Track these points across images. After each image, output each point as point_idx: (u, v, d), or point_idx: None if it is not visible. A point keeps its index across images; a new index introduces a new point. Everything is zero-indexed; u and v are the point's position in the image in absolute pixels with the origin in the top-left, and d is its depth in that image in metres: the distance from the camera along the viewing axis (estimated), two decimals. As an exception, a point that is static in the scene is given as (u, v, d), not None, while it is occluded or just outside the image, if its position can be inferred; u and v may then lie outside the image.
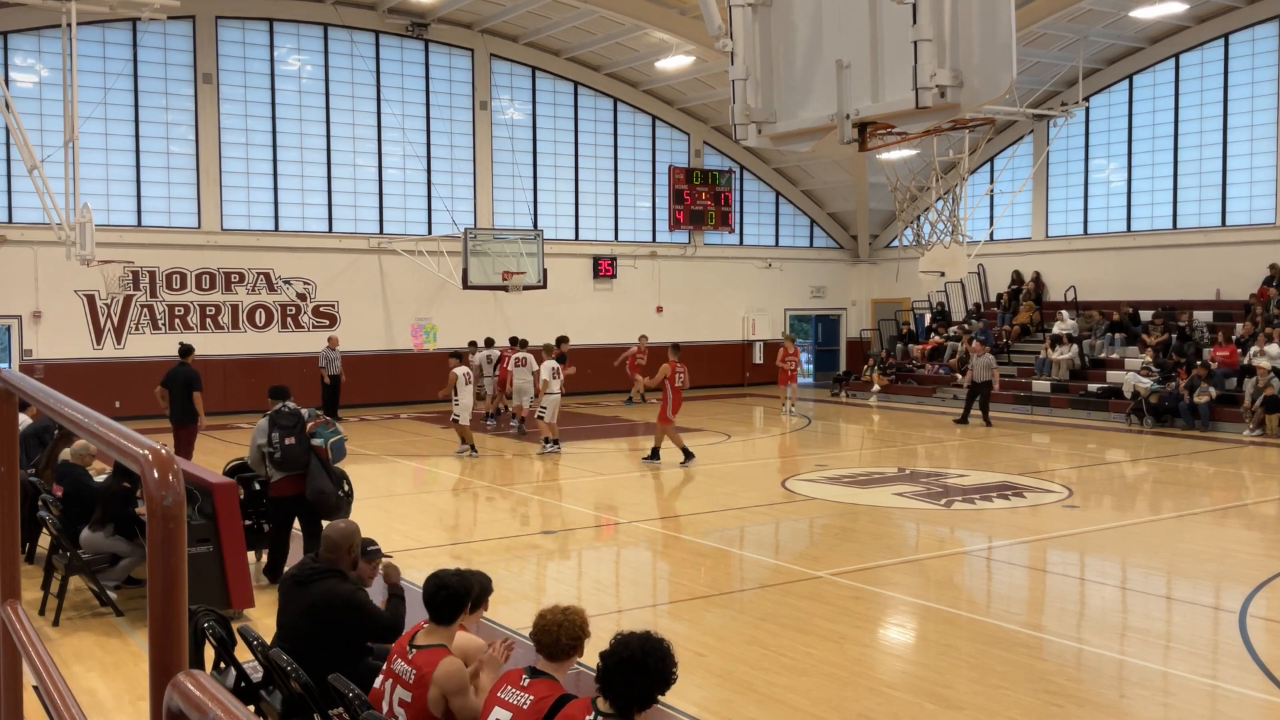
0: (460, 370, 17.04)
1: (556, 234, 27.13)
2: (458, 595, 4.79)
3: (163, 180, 23.10)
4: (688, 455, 16.14)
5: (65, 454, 9.69)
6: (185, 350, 14.70)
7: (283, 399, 9.67)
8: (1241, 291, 23.62)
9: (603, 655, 3.85)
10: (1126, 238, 26.18)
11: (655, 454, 16.35)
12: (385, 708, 4.64)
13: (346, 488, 9.73)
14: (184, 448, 14.15)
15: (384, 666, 4.82)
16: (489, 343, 22.34)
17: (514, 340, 21.78)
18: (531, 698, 4.11)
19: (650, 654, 3.79)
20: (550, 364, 17.45)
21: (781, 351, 23.76)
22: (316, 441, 9.40)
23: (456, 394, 16.97)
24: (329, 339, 22.72)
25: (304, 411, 9.65)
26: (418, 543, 11.27)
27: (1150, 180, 25.81)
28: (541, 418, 17.44)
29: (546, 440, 17.45)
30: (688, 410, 23.79)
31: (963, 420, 21.52)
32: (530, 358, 20.13)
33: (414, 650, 4.66)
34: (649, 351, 25.34)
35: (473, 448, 17.26)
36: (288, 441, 9.25)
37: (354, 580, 5.66)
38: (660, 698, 3.90)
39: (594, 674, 3.95)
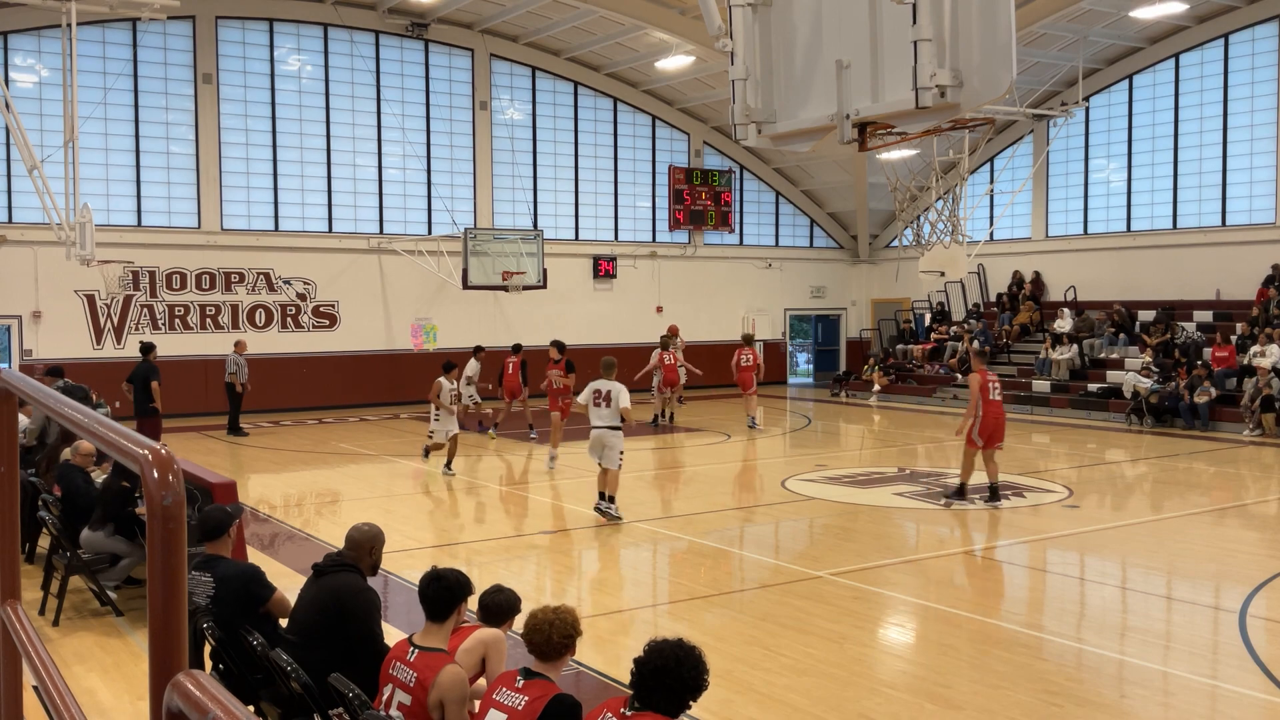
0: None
1: (556, 234, 27.13)
2: (451, 590, 4.71)
3: (163, 180, 23.09)
4: (994, 494, 12.93)
5: (65, 453, 9.70)
6: (147, 348, 15.96)
7: (60, 377, 12.01)
8: (1241, 291, 23.61)
9: (637, 661, 3.90)
10: (1126, 238, 26.17)
11: (961, 491, 13.17)
12: (383, 710, 4.62)
13: None
14: None
15: (382, 672, 4.76)
16: (748, 340, 21.77)
17: (477, 349, 20.37)
18: (526, 699, 4.13)
19: (683, 661, 3.84)
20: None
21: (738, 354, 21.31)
22: (100, 413, 12.33)
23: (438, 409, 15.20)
24: (236, 343, 20.60)
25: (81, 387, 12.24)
26: (418, 543, 11.27)
27: (1150, 180, 25.80)
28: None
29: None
30: (687, 410, 23.84)
31: None
32: (681, 354, 22.32)
33: (415, 651, 4.57)
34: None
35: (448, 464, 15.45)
36: None
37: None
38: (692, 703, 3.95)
39: (600, 676, 3.96)
